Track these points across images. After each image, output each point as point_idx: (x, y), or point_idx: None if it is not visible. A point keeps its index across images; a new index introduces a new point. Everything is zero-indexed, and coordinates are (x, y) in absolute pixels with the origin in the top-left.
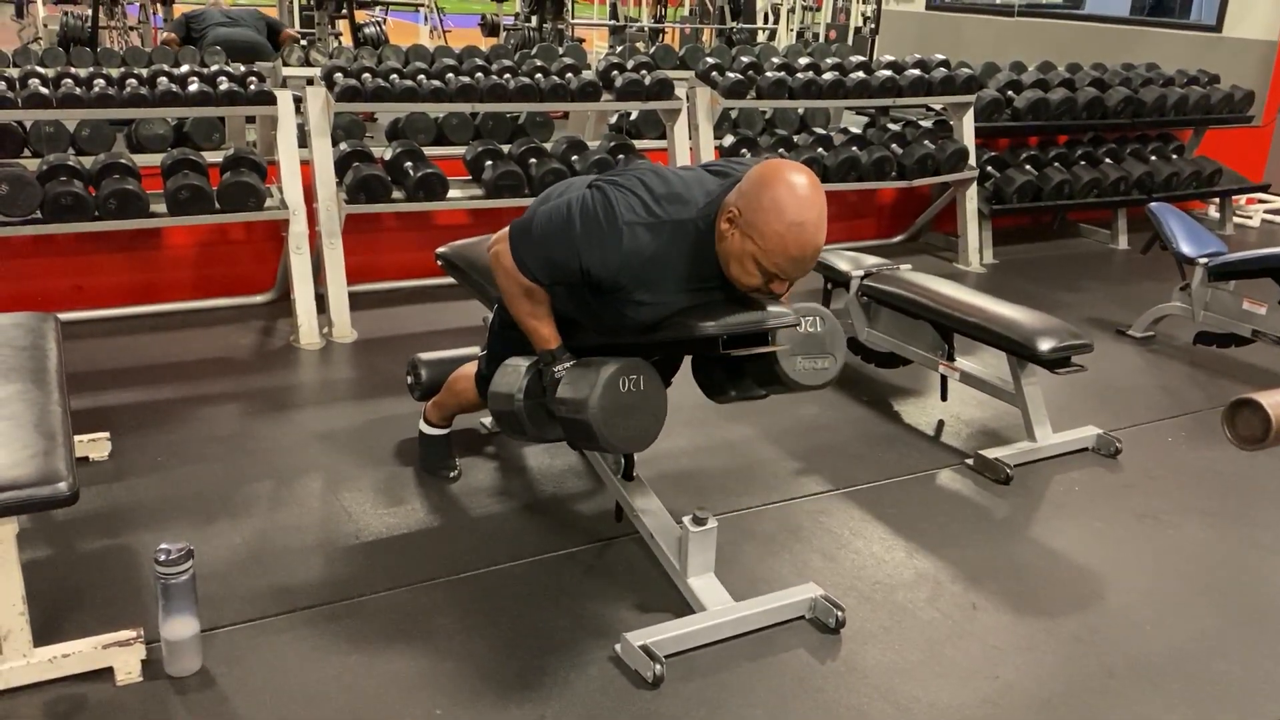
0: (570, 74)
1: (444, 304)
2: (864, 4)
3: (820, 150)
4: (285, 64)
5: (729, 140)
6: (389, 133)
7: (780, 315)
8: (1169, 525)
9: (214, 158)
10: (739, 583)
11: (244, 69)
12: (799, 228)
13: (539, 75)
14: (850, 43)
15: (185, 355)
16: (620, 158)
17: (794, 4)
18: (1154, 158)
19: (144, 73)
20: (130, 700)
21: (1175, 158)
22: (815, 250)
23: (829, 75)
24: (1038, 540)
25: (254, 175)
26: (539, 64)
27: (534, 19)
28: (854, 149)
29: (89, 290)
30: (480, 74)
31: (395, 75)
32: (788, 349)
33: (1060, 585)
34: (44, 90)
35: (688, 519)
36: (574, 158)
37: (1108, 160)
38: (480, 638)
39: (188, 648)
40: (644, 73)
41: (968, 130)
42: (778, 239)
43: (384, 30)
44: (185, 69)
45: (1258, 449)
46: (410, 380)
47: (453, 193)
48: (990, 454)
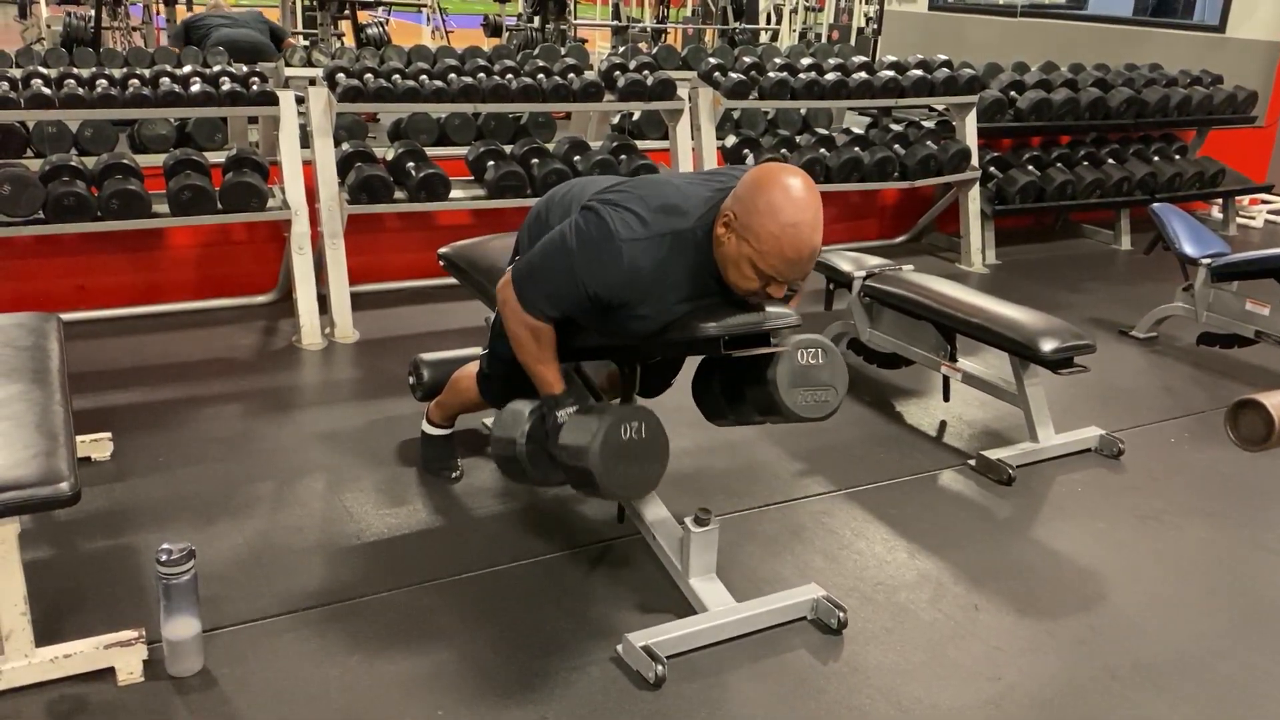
0: (573, 74)
1: (446, 304)
2: (867, 4)
3: (823, 151)
4: (288, 64)
5: (731, 141)
6: (391, 133)
7: (782, 315)
8: (1172, 526)
9: (216, 158)
10: (741, 583)
11: (246, 69)
12: (794, 229)
13: (541, 76)
14: (853, 43)
15: (187, 356)
16: (622, 158)
17: (796, 4)
18: (1157, 158)
19: (146, 73)
20: (132, 700)
21: (1178, 158)
22: (812, 252)
23: (831, 76)
24: (1040, 541)
25: (256, 176)
26: (541, 64)
27: (536, 19)
28: (856, 149)
29: (91, 290)
30: (482, 74)
31: (398, 76)
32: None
33: (1063, 586)
34: (47, 91)
35: (689, 520)
36: (576, 158)
37: (1110, 161)
38: (482, 638)
39: (189, 648)
40: (646, 73)
41: (970, 131)
42: (773, 241)
43: (386, 31)
44: (188, 69)
45: (1261, 450)
46: (412, 380)
47: (455, 193)
48: (993, 455)
